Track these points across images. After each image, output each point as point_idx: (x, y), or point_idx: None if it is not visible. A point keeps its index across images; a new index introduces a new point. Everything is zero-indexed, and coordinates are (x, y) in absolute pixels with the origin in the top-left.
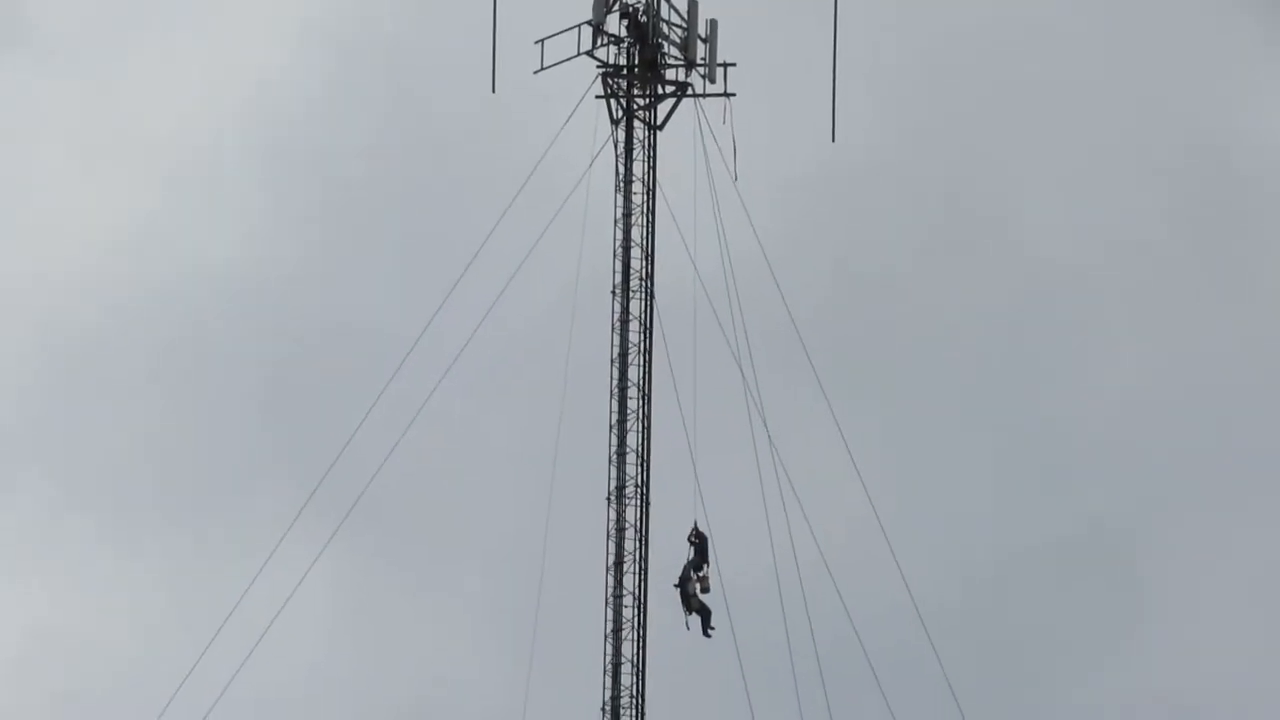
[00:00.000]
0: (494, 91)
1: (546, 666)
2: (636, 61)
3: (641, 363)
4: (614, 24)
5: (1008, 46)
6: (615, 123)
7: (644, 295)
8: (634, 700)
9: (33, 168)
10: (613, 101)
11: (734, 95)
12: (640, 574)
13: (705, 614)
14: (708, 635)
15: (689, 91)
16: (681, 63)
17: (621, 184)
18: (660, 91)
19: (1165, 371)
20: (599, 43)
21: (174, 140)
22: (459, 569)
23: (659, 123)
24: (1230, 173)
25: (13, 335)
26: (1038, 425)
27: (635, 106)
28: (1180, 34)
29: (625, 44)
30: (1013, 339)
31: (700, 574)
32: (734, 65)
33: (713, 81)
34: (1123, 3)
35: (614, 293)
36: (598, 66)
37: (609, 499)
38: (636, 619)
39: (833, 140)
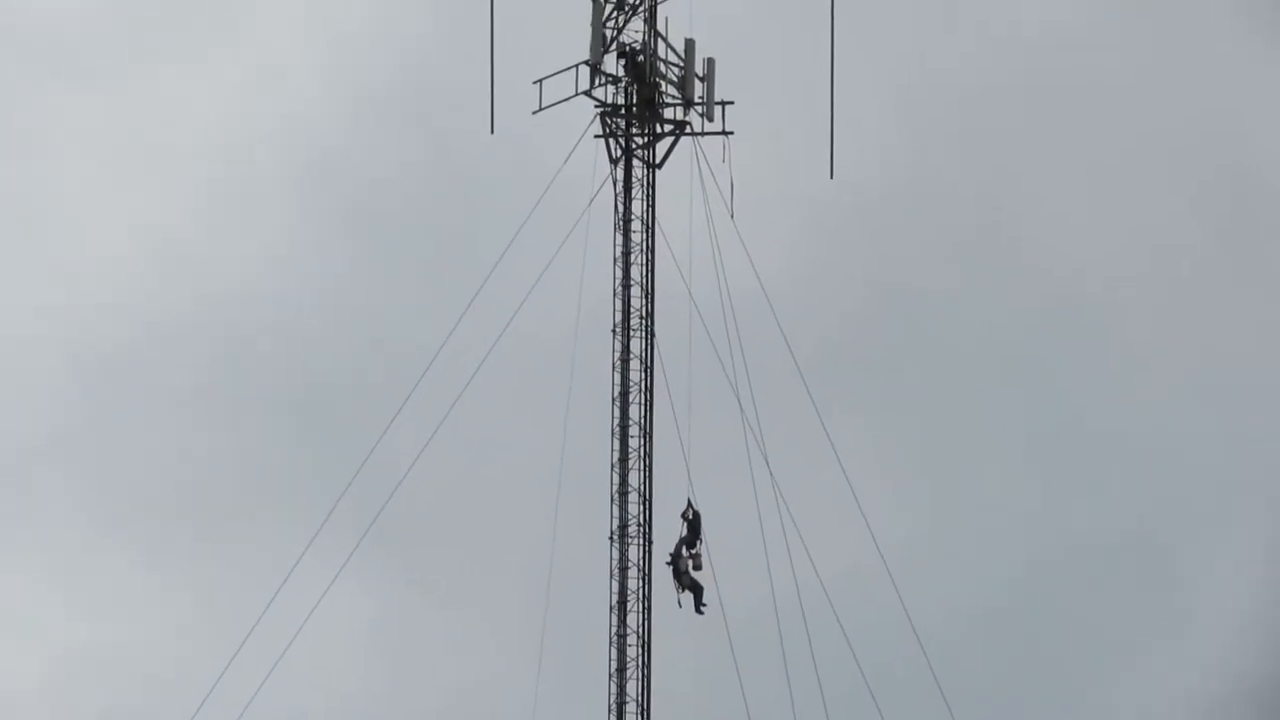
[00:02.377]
0: (493, 132)
1: (552, 705)
2: (635, 100)
3: (643, 401)
4: (612, 64)
5: (1002, 86)
6: (614, 162)
7: (644, 334)
8: None
9: (62, 187)
10: (611, 140)
11: (732, 133)
12: (644, 612)
13: (697, 591)
14: (699, 613)
15: (687, 130)
16: (679, 101)
17: (621, 223)
18: (659, 130)
19: (1192, 379)
20: (597, 82)
21: (199, 162)
22: (468, 603)
23: (658, 161)
24: (1257, 178)
25: (44, 355)
26: (1042, 449)
27: (634, 145)
28: (1190, 38)
29: (623, 83)
30: (1011, 370)
31: (693, 551)
32: (732, 103)
33: (711, 120)
34: (1126, 21)
35: (614, 331)
36: (596, 106)
37: (611, 539)
38: (641, 658)
39: (831, 177)
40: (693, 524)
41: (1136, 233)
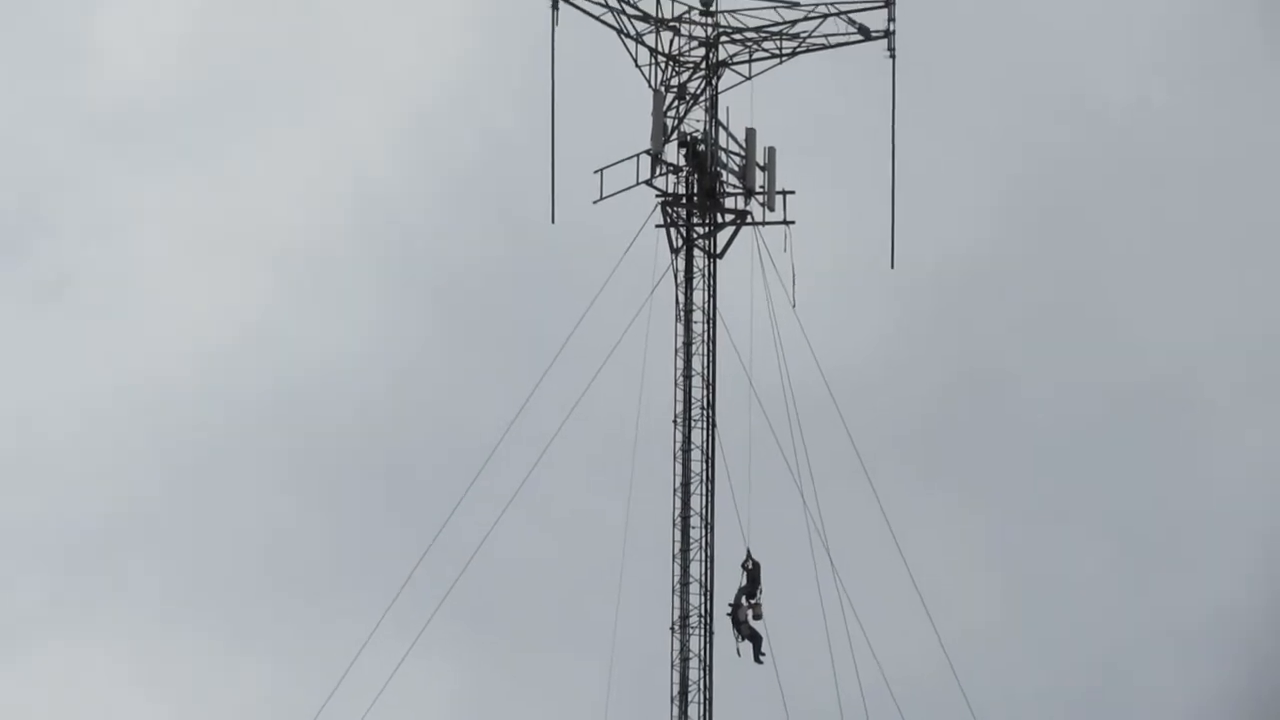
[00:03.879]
0: (554, 222)
1: None
2: (695, 190)
3: (704, 491)
4: (673, 153)
5: (1063, 175)
6: (675, 251)
7: (706, 424)
8: None
9: (144, 267)
10: (672, 230)
11: (793, 223)
12: (705, 703)
13: (756, 640)
14: (759, 661)
15: (748, 219)
16: (740, 191)
17: (682, 313)
18: (720, 220)
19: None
20: (658, 172)
21: (278, 245)
22: (530, 691)
23: (719, 251)
24: None
25: (126, 435)
26: (1121, 540)
27: (695, 235)
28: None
29: (684, 173)
30: (1065, 463)
31: (753, 601)
32: (793, 193)
33: (771, 209)
34: (1205, 98)
35: (675, 422)
36: (657, 195)
37: (672, 629)
38: None
39: (892, 267)
40: (752, 574)
41: (1217, 313)
